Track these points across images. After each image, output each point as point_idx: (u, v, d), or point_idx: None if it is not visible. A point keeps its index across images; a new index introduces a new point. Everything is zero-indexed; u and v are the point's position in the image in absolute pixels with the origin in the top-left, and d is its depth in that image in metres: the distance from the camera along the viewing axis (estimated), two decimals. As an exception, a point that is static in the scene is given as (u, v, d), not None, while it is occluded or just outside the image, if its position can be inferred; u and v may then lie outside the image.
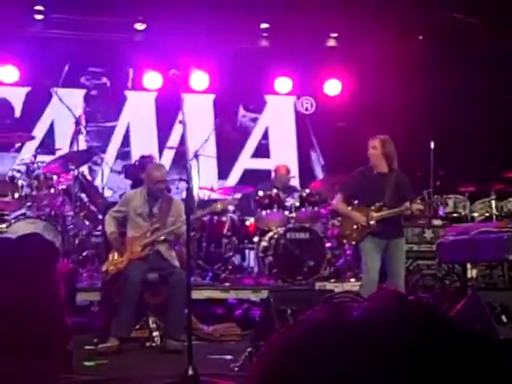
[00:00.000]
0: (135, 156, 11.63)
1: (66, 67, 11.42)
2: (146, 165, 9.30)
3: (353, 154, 10.88)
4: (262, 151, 13.41)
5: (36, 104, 12.36)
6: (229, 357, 7.18)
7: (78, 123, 9.98)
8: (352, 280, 9.76)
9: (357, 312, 0.89)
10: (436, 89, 12.14)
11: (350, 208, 7.92)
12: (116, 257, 8.15)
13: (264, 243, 9.97)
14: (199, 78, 12.84)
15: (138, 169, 9.97)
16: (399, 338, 0.85)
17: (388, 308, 0.90)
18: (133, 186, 9.99)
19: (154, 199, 8.25)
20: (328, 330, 0.88)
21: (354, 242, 7.99)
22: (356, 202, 7.90)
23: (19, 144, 11.72)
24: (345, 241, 8.63)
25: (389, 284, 7.73)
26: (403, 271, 7.90)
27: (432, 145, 10.47)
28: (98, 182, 10.74)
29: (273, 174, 11.30)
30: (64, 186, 9.83)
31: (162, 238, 8.16)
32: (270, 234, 10.00)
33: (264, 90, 13.46)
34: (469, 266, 9.32)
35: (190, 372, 5.88)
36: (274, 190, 10.31)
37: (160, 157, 12.38)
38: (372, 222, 7.69)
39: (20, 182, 9.55)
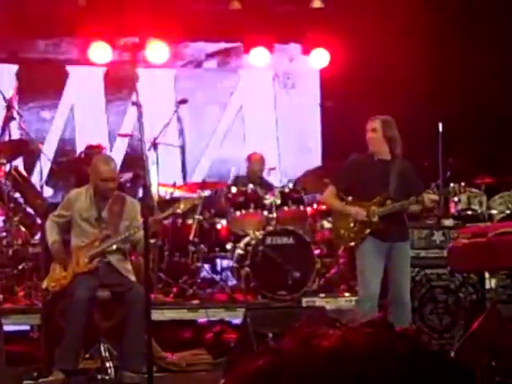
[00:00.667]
0: (80, 146, 11.57)
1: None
2: (94, 157, 9.22)
3: (344, 139, 10.87)
4: (236, 138, 13.34)
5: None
6: (198, 391, 7.18)
7: (9, 107, 9.91)
8: (346, 294, 9.80)
9: (331, 340, 0.98)
10: (444, 60, 12.14)
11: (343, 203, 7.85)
12: (58, 271, 8.12)
13: (239, 251, 9.99)
14: (157, 49, 12.72)
15: (83, 162, 9.91)
16: (382, 367, 0.96)
17: (369, 336, 0.99)
18: (77, 183, 9.88)
19: (102, 200, 8.19)
20: (294, 360, 0.97)
21: (351, 245, 7.91)
22: (350, 198, 7.82)
23: None
24: (341, 245, 8.58)
25: (392, 298, 7.68)
26: (409, 282, 7.87)
27: (440, 127, 10.44)
28: (35, 179, 10.64)
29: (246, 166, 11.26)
30: (-7, 185, 9.76)
31: (114, 247, 8.12)
32: (246, 239, 10.01)
33: (236, 63, 13.39)
34: (487, 275, 9.31)
35: (152, 412, 5.85)
36: (250, 186, 10.28)
37: (111, 147, 12.34)
38: (374, 219, 7.60)
39: None
